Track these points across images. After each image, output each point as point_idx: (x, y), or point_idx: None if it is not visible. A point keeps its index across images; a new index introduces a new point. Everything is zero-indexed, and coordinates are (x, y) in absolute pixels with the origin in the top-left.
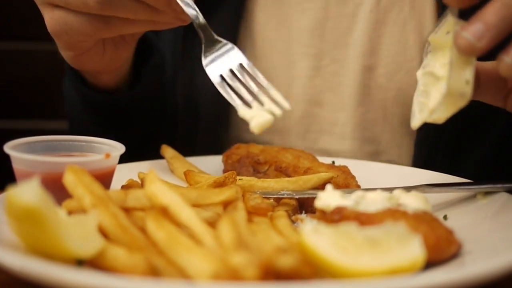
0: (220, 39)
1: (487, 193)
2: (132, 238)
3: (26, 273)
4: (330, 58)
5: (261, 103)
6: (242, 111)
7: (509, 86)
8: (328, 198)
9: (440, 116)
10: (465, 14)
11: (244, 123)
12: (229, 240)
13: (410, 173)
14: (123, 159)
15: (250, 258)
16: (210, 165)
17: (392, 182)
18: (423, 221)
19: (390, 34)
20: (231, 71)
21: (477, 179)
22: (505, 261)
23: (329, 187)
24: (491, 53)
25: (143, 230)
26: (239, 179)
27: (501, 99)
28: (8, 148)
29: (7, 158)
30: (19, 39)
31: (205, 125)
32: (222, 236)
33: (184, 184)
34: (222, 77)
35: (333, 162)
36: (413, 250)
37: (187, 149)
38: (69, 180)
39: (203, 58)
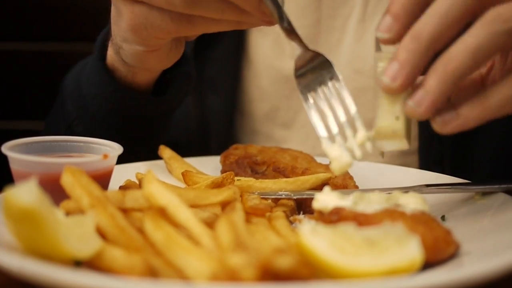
0: (312, 50)
1: (485, 194)
2: (130, 239)
3: (24, 274)
4: None
5: (344, 137)
6: (327, 146)
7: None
8: (326, 199)
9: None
10: None
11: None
12: (227, 241)
13: (408, 173)
14: (121, 159)
15: (248, 258)
16: (208, 165)
17: (390, 182)
18: (421, 222)
19: (373, 39)
20: (322, 89)
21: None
22: (504, 262)
23: (327, 188)
24: None
25: (141, 231)
26: (237, 179)
27: None
28: (5, 148)
29: (5, 159)
30: (19, 39)
31: (217, 144)
32: (220, 237)
33: (182, 185)
34: (312, 97)
35: None
36: (411, 250)
37: None
38: (67, 180)
39: (295, 71)
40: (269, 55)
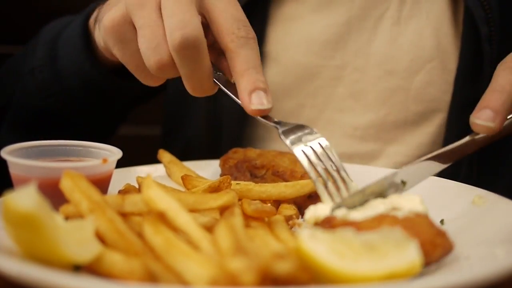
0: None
1: (485, 198)
2: (129, 243)
3: (24, 279)
4: (352, 67)
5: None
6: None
7: None
8: (319, 208)
9: None
10: None
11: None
12: (226, 246)
13: None
14: (119, 162)
15: (248, 263)
16: (208, 169)
17: None
18: (407, 227)
19: (409, 41)
20: (315, 152)
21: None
22: (503, 266)
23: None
24: None
25: (140, 235)
26: (237, 183)
27: None
28: (5, 153)
29: (4, 163)
30: (17, 43)
31: (228, 141)
32: (219, 242)
33: (181, 189)
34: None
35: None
36: (410, 254)
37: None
38: (66, 185)
39: (286, 141)
40: (295, 52)
